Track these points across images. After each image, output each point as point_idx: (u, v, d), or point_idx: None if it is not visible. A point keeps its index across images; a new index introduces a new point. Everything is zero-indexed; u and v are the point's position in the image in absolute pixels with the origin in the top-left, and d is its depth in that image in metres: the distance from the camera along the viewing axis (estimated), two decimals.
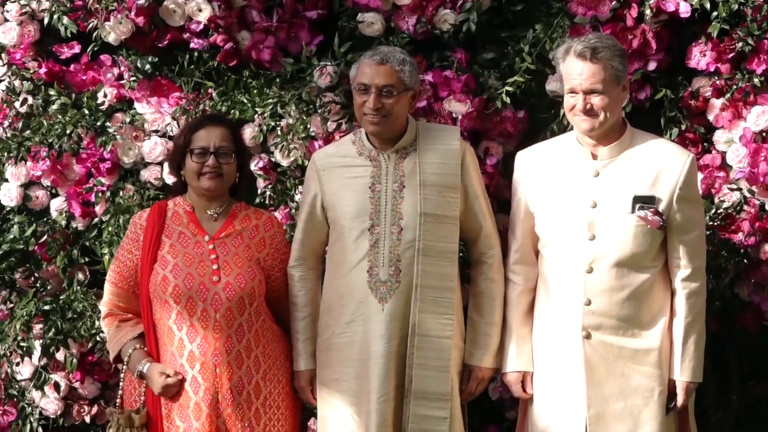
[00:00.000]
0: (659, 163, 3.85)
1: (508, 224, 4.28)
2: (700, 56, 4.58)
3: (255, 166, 4.81)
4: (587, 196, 3.86)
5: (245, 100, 4.83)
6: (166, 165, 4.73)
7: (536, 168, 4.03)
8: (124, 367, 4.09)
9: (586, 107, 3.85)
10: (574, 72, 3.85)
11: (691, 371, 3.86)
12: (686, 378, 3.86)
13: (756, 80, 4.47)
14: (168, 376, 3.98)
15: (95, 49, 5.04)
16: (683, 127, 4.57)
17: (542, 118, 4.74)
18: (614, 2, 4.63)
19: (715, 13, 4.55)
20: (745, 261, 4.41)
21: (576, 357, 3.86)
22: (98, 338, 4.73)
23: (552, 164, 4.00)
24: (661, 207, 3.81)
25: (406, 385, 3.99)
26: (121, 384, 4.11)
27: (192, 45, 4.95)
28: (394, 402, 4.00)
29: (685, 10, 4.56)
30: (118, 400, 4.11)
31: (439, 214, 4.04)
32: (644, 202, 3.82)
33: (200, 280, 4.03)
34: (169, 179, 4.63)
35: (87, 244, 4.93)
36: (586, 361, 3.84)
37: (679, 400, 3.86)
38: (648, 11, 4.60)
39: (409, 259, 4.02)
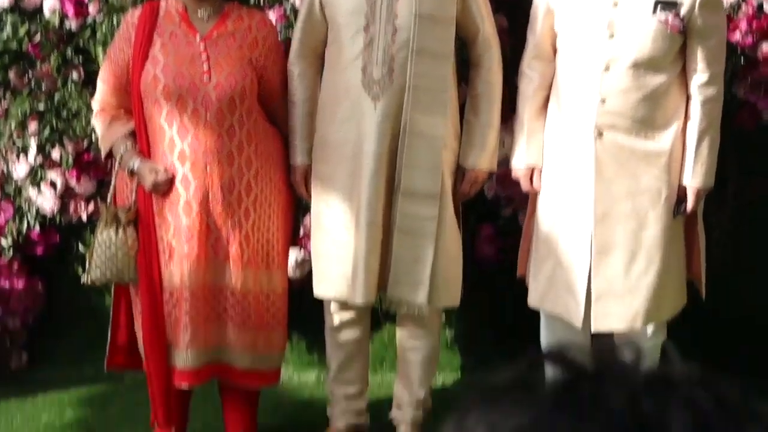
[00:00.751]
0: None
1: (505, 24, 4.23)
2: None
3: None
4: None
5: None
6: None
7: None
8: (116, 164, 4.12)
9: None
10: None
11: (702, 176, 3.84)
12: (697, 183, 3.84)
13: None
14: (158, 173, 4.01)
15: None
16: None
17: None
18: None
19: None
20: (742, 60, 4.37)
21: (587, 155, 3.84)
22: (93, 137, 4.70)
23: None
24: (683, 11, 3.74)
25: (395, 183, 4.01)
26: (113, 181, 4.15)
27: None
28: (384, 200, 4.02)
29: None
30: (109, 197, 4.15)
31: (434, 14, 3.97)
32: (666, 4, 3.76)
33: (191, 79, 4.01)
34: None
35: (81, 44, 4.88)
36: (596, 159, 3.82)
37: (689, 204, 3.85)
38: None
39: (403, 60, 3.98)
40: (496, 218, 4.69)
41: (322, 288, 4.14)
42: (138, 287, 4.06)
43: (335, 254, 4.08)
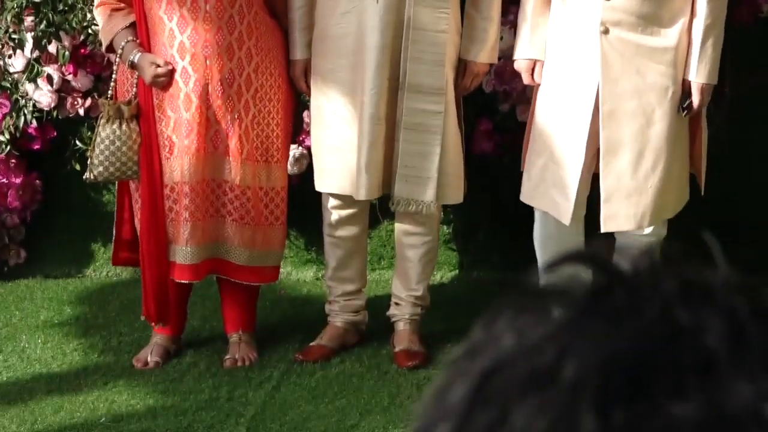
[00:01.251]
0: None
1: None
2: None
3: None
4: None
5: None
6: None
7: None
8: (117, 58, 4.07)
9: None
10: None
11: (707, 73, 3.83)
12: (702, 79, 3.82)
13: None
14: (158, 66, 3.97)
15: None
16: None
17: None
18: None
19: None
20: None
21: (592, 52, 3.80)
22: (90, 31, 4.65)
23: None
24: None
25: (400, 78, 3.97)
26: (114, 75, 4.11)
27: None
28: (387, 94, 3.99)
29: None
30: (110, 92, 4.11)
31: None
32: None
33: None
34: None
35: None
36: (602, 56, 3.78)
37: (695, 101, 3.84)
38: None
39: None
40: (494, 113, 4.66)
41: (323, 183, 4.13)
42: (138, 182, 4.05)
43: (337, 149, 4.06)
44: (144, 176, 4.01)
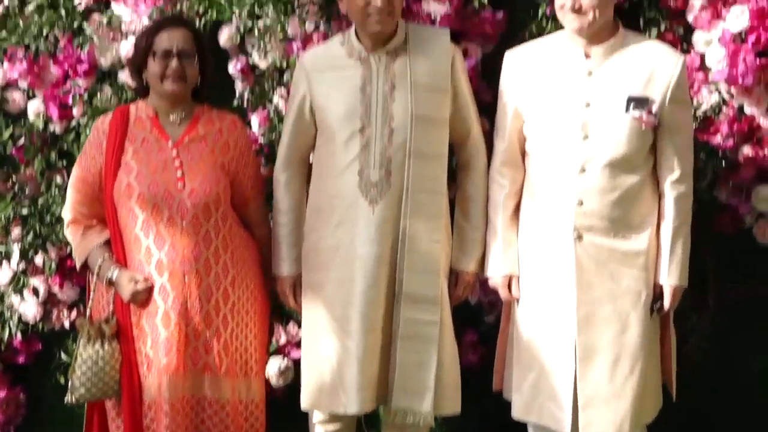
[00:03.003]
0: (652, 64, 3.85)
1: (486, 127, 4.28)
2: None
3: (233, 68, 4.77)
4: (581, 95, 3.85)
5: (222, 1, 4.76)
6: None
7: (527, 67, 4.00)
8: (93, 276, 4.09)
9: (575, 6, 3.83)
10: None
11: (678, 275, 3.88)
12: (674, 282, 3.88)
13: None
14: (137, 282, 4.00)
15: None
16: (662, 27, 4.49)
17: (521, 19, 4.67)
18: None
19: None
20: (723, 164, 4.38)
21: (567, 259, 3.85)
22: None
23: (543, 64, 3.97)
24: (655, 108, 3.81)
25: (396, 288, 4.01)
26: (91, 294, 4.12)
27: None
28: (383, 305, 4.02)
29: None
30: (89, 310, 4.12)
31: (430, 116, 4.03)
32: (638, 102, 3.82)
33: (165, 186, 4.03)
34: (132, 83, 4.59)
35: (65, 147, 4.93)
36: (577, 262, 3.84)
37: (666, 303, 3.88)
38: None
39: (400, 162, 4.02)
40: (480, 324, 4.68)
41: (311, 400, 4.12)
42: (116, 401, 4.04)
43: (329, 363, 4.06)
44: (126, 395, 3.99)
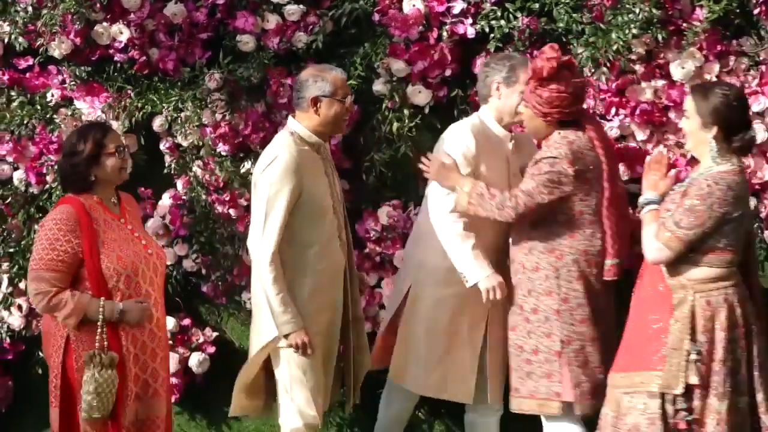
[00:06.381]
0: None
1: (345, 186, 5.14)
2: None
3: (163, 146, 5.49)
4: None
5: (155, 99, 5.47)
6: None
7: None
8: (100, 316, 4.13)
9: None
10: None
11: None
12: None
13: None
14: (143, 302, 4.22)
15: (43, 60, 5.59)
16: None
17: (369, 110, 5.41)
18: (420, 27, 5.29)
19: (492, 35, 5.25)
20: None
21: None
22: None
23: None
24: None
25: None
26: (103, 335, 4.14)
27: (116, 58, 5.53)
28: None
29: (471, 33, 5.31)
30: (96, 344, 4.17)
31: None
32: None
33: (141, 255, 4.24)
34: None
35: (41, 203, 5.59)
36: None
37: None
38: (445, 33, 5.32)
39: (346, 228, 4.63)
40: None
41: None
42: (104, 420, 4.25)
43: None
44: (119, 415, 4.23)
